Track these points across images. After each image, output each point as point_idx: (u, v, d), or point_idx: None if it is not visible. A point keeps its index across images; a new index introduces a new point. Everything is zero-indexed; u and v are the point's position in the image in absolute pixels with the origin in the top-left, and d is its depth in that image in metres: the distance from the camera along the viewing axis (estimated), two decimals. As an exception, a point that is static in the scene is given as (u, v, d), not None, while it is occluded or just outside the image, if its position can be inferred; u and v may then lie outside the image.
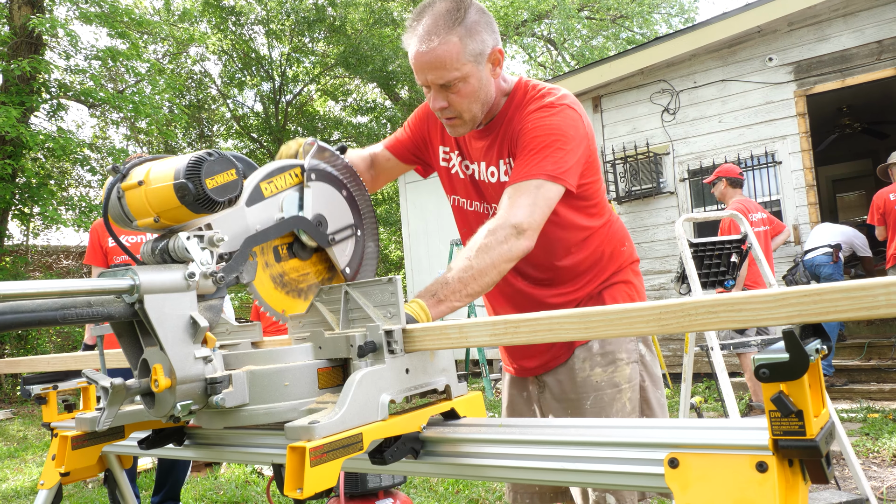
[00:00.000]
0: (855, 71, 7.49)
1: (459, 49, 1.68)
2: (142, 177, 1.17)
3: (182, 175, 1.12)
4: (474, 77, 1.73)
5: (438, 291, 1.49)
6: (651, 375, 1.99)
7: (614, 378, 1.91)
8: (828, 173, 13.28)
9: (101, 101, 13.72)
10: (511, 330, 1.08)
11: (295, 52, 21.47)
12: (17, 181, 12.65)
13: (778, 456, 0.86)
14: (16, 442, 8.33)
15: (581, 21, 22.05)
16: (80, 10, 13.71)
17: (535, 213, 1.64)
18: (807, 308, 0.82)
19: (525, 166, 1.71)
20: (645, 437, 1.00)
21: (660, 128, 8.69)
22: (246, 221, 1.33)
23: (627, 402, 1.91)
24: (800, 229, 7.78)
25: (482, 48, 1.73)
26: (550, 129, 1.74)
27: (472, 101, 1.77)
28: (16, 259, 13.53)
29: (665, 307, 0.93)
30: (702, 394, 7.30)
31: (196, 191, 1.12)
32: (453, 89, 1.73)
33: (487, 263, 1.55)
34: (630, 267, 2.06)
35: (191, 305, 1.15)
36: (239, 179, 1.19)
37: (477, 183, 1.98)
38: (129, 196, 1.19)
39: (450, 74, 1.70)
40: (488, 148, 1.90)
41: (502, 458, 1.14)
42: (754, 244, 4.05)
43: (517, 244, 1.59)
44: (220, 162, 1.16)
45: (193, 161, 1.13)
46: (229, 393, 1.15)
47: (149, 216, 1.18)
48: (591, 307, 1.04)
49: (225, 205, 1.17)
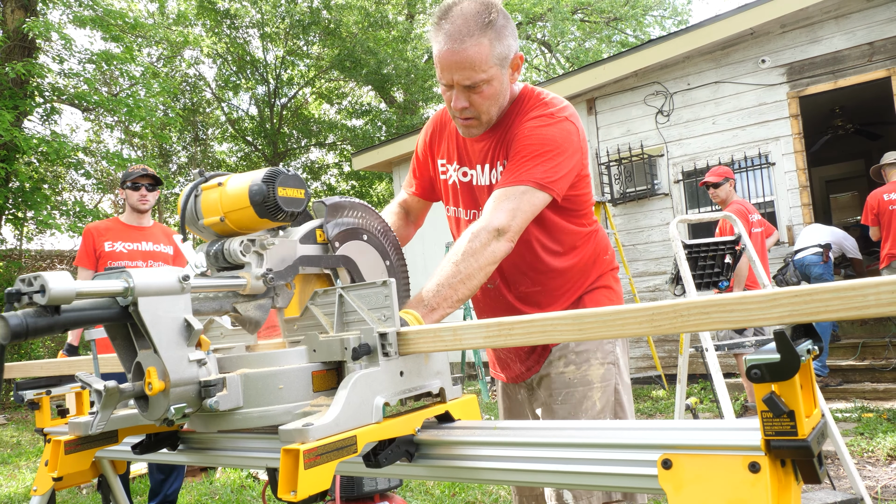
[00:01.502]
0: (847, 72, 7.52)
1: (489, 51, 1.70)
2: (222, 180, 1.30)
3: (260, 179, 1.24)
4: (497, 80, 1.76)
5: (430, 300, 1.51)
6: (623, 381, 1.99)
7: (587, 376, 1.92)
8: (821, 174, 13.33)
9: (96, 104, 13.70)
10: (505, 332, 1.08)
11: (290, 55, 21.48)
12: (10, 185, 12.61)
13: (770, 456, 0.87)
14: (9, 448, 8.29)
15: (575, 23, 22.11)
16: (73, 13, 13.69)
17: (517, 218, 1.67)
18: (798, 308, 0.83)
19: (514, 172, 1.74)
20: (638, 438, 1.00)
21: (654, 129, 8.71)
22: (296, 254, 1.38)
23: (598, 401, 1.90)
24: (793, 230, 7.81)
25: (507, 52, 1.75)
26: (545, 139, 1.76)
27: (492, 104, 1.80)
28: (9, 263, 13.49)
29: (657, 308, 0.93)
30: (697, 395, 7.31)
31: (267, 193, 1.23)
32: (477, 90, 1.75)
33: (474, 267, 1.58)
34: (610, 273, 2.09)
35: (185, 308, 1.15)
36: (306, 200, 1.30)
37: (473, 189, 2.00)
38: (205, 194, 1.31)
39: (477, 76, 1.72)
40: (489, 150, 1.92)
41: (497, 461, 1.14)
42: (748, 245, 4.07)
43: (498, 246, 1.63)
44: (294, 179, 1.28)
45: (272, 170, 1.25)
46: (223, 396, 1.15)
47: (216, 215, 1.28)
48: (586, 309, 1.05)
49: (287, 216, 1.27)
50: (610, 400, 1.93)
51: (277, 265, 1.34)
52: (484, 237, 1.62)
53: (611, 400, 1.93)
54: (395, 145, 11.04)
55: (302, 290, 1.43)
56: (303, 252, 1.40)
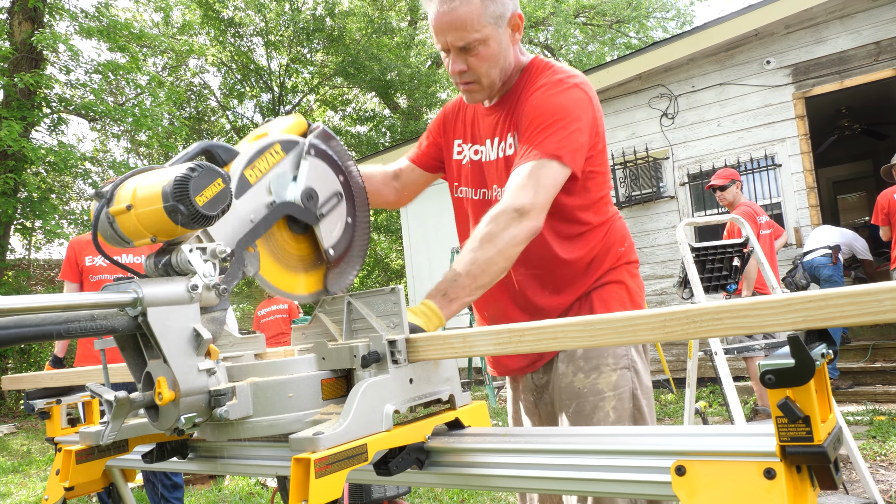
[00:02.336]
0: (853, 72, 7.50)
1: (480, 10, 1.65)
2: (128, 199, 1.15)
3: (171, 197, 1.09)
4: (494, 40, 1.69)
5: (448, 290, 1.45)
6: (642, 384, 1.84)
7: (597, 385, 1.77)
8: (828, 175, 13.27)
9: (102, 114, 13.79)
10: (515, 339, 1.07)
11: (294, 62, 21.56)
12: (18, 195, 12.68)
13: (786, 462, 0.86)
14: (19, 456, 8.32)
15: (577, 27, 22.13)
16: (80, 24, 13.79)
17: (539, 194, 1.59)
18: (812, 314, 0.82)
19: (529, 146, 1.65)
20: (651, 444, 1.00)
21: (659, 132, 8.70)
22: (239, 214, 1.31)
23: (611, 412, 1.75)
24: (801, 232, 7.78)
25: (503, 11, 1.69)
26: (556, 108, 1.68)
27: (491, 66, 1.73)
28: (18, 273, 13.56)
29: (670, 314, 0.92)
30: (706, 398, 7.28)
31: (188, 211, 1.10)
32: (473, 52, 1.70)
33: (493, 253, 1.51)
34: (625, 267, 1.92)
35: (194, 317, 1.14)
36: (227, 188, 1.17)
37: (482, 166, 1.91)
38: (120, 221, 1.17)
39: (470, 36, 1.66)
40: (499, 122, 1.85)
41: (507, 468, 1.13)
42: (756, 248, 4.05)
43: (522, 227, 1.54)
44: (205, 175, 1.13)
45: (179, 181, 1.09)
46: (233, 405, 1.15)
47: (145, 237, 1.17)
48: (596, 315, 1.03)
49: (219, 216, 1.16)
50: (627, 408, 1.77)
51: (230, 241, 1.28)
52: (503, 220, 1.53)
53: (627, 408, 1.78)
54: (400, 151, 11.06)
55: (265, 241, 1.41)
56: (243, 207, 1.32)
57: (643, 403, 1.81)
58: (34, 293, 13.76)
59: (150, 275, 1.20)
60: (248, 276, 1.35)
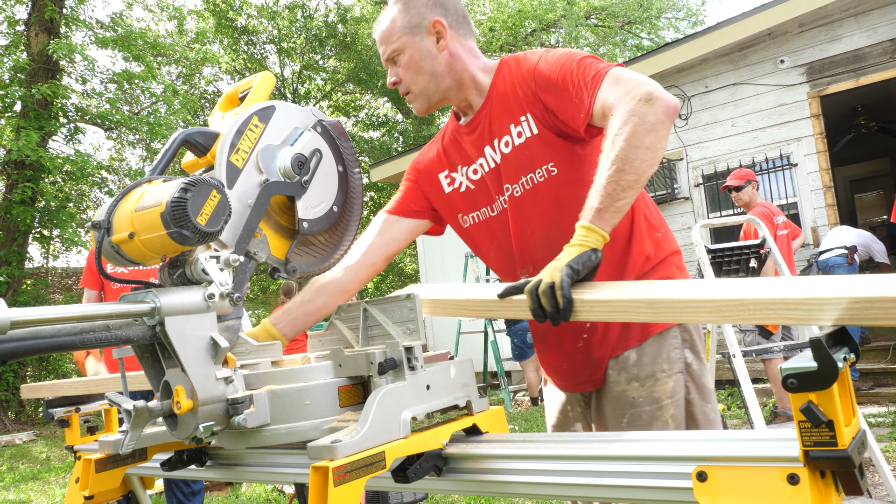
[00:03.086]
0: (868, 70, 7.42)
1: (395, 23, 1.75)
2: (128, 227, 1.14)
3: (172, 224, 1.08)
4: (412, 48, 1.74)
5: (596, 203, 1.37)
6: (699, 387, 1.72)
7: (654, 393, 1.67)
8: (844, 174, 13.14)
9: (118, 123, 13.93)
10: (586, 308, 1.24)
11: (306, 69, 21.68)
12: (36, 205, 12.83)
13: (809, 467, 0.85)
14: (39, 464, 8.39)
15: (588, 28, 22.07)
16: (95, 35, 13.95)
17: (638, 77, 1.49)
18: (858, 314, 0.88)
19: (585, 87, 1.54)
20: (672, 450, 0.99)
21: (672, 133, 8.65)
22: (236, 204, 1.30)
23: (670, 420, 1.66)
24: (818, 231, 7.70)
25: (418, 21, 1.74)
26: (570, 53, 1.64)
27: (415, 73, 1.76)
28: (37, 281, 13.70)
29: (727, 302, 1.02)
30: (725, 401, 7.21)
31: (192, 234, 1.10)
32: (397, 62, 1.76)
33: (625, 146, 1.39)
34: (672, 259, 1.78)
35: (211, 326, 1.15)
36: (224, 199, 1.15)
37: (489, 175, 1.81)
38: (126, 248, 1.16)
39: (389, 48, 1.76)
40: (485, 129, 1.79)
41: (526, 475, 1.12)
42: (773, 248, 4.01)
43: (643, 105, 1.42)
44: (200, 192, 1.11)
45: (176, 205, 1.08)
46: (251, 413, 1.15)
47: (156, 258, 1.17)
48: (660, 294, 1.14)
49: (223, 228, 1.15)
50: (681, 416, 1.68)
51: (230, 239, 1.28)
52: (622, 114, 1.42)
53: (682, 415, 1.68)
54: (413, 156, 11.06)
55: (266, 223, 1.40)
56: (239, 194, 1.31)
57: (696, 409, 1.70)
58: (53, 301, 13.91)
59: (165, 285, 1.20)
60: (260, 262, 1.35)
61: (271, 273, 1.40)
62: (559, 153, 1.67)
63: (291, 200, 1.42)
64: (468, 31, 1.82)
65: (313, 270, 1.50)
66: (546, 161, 1.67)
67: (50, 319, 0.99)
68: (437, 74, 1.76)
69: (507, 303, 1.38)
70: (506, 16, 22.00)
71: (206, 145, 1.34)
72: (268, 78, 1.52)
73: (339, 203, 1.51)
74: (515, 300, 1.36)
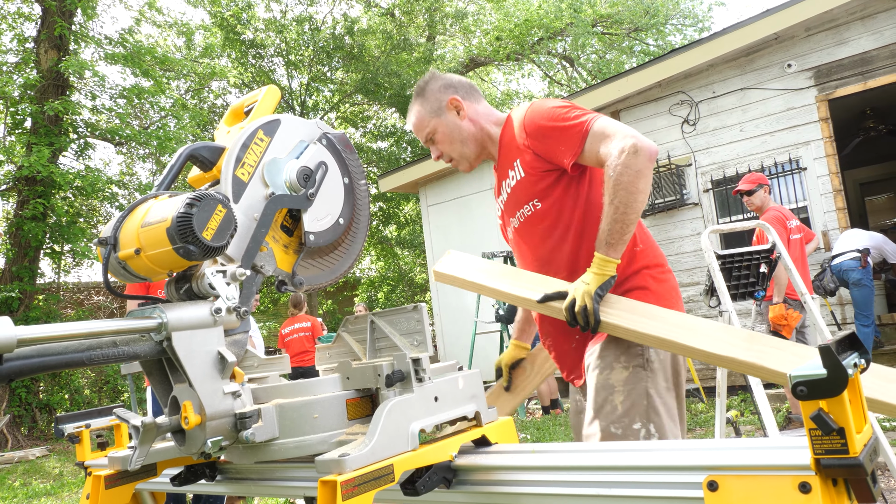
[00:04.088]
0: (876, 73, 7.39)
1: (422, 113, 2.15)
2: (135, 243, 1.15)
3: (178, 239, 1.09)
4: (442, 126, 2.13)
5: (608, 238, 1.78)
6: (657, 385, 1.88)
7: (609, 380, 1.88)
8: (855, 177, 13.06)
9: (128, 138, 14.02)
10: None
11: (314, 81, 21.77)
12: (47, 220, 12.93)
13: (821, 476, 0.84)
14: (52, 479, 8.42)
15: (595, 36, 22.10)
16: (104, 51, 14.08)
17: (621, 130, 1.82)
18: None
19: (569, 139, 1.89)
20: (682, 459, 0.98)
21: (680, 139, 8.63)
22: (242, 218, 1.31)
23: (619, 405, 1.84)
24: (829, 235, 7.65)
25: (438, 105, 2.13)
26: (555, 105, 1.97)
27: (451, 143, 2.15)
28: (48, 297, 13.78)
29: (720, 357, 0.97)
30: (737, 407, 7.16)
31: (198, 249, 1.11)
32: (435, 141, 2.15)
33: (622, 192, 1.76)
34: (647, 272, 1.99)
35: (218, 341, 1.15)
36: (229, 213, 1.16)
37: (502, 211, 2.21)
38: (133, 265, 1.17)
39: (424, 132, 2.15)
40: (502, 172, 2.16)
41: (536, 486, 1.12)
42: (783, 253, 3.98)
43: (634, 157, 1.76)
44: (205, 208, 1.12)
45: (182, 220, 1.09)
46: (259, 427, 1.15)
47: (162, 273, 1.18)
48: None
49: (228, 242, 1.15)
50: (638, 404, 1.83)
51: (237, 253, 1.28)
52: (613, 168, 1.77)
53: (639, 404, 1.83)
54: (421, 166, 11.08)
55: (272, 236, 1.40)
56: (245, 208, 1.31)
57: (657, 402, 1.85)
58: (64, 316, 13.99)
59: (172, 300, 1.20)
60: (267, 276, 1.35)
61: (278, 286, 1.41)
62: (542, 190, 2.01)
63: (297, 213, 1.43)
64: (478, 96, 2.20)
65: (320, 283, 1.50)
66: (532, 198, 2.03)
67: (56, 337, 0.99)
68: (466, 139, 2.16)
69: (544, 306, 1.87)
70: (512, 25, 22.05)
71: (212, 160, 1.34)
72: (273, 91, 1.53)
73: (345, 215, 1.51)
74: (553, 305, 1.85)
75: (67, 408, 13.19)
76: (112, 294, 1.13)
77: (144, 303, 1.13)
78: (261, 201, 1.34)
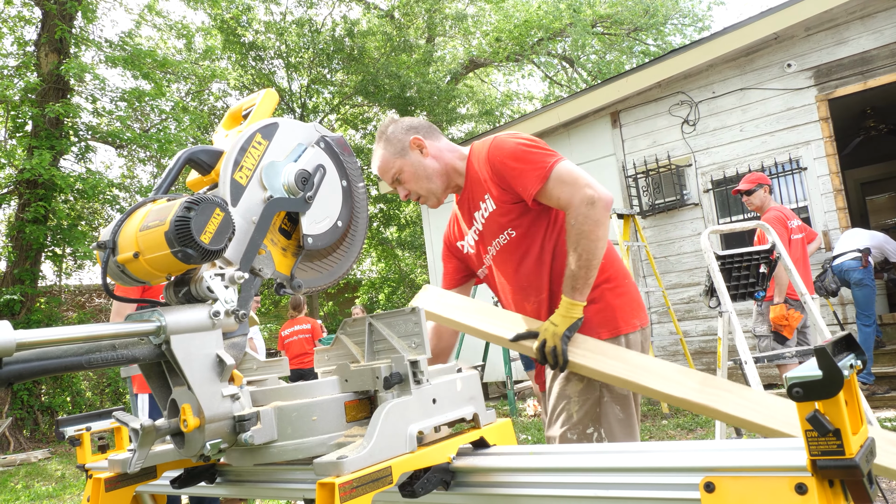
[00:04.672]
0: (876, 72, 7.39)
1: (386, 155, 2.19)
2: (133, 247, 1.15)
3: (176, 243, 1.09)
4: (407, 165, 2.17)
5: (574, 284, 1.92)
6: (612, 395, 2.02)
7: (565, 391, 2.04)
8: (855, 176, 13.05)
9: (128, 140, 14.03)
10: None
11: (314, 83, 21.77)
12: (49, 223, 12.94)
13: (817, 477, 0.84)
14: (54, 481, 8.42)
15: (595, 36, 22.10)
16: (105, 54, 14.09)
17: (578, 180, 1.93)
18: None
19: (530, 180, 1.98)
20: (679, 460, 0.98)
21: (680, 140, 8.63)
22: (240, 221, 1.30)
23: (574, 414, 2.01)
24: (830, 235, 7.65)
25: (401, 146, 2.18)
26: (518, 143, 2.05)
27: (417, 181, 2.19)
28: (50, 300, 13.79)
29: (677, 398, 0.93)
30: (738, 407, 7.14)
31: (196, 252, 1.11)
32: (401, 181, 2.19)
33: (584, 241, 1.91)
34: (606, 286, 2.09)
35: (217, 344, 1.15)
36: (227, 216, 1.16)
37: (476, 244, 2.27)
38: (131, 268, 1.17)
39: (390, 174, 2.19)
40: (471, 204, 2.22)
41: (535, 487, 1.12)
42: (783, 254, 3.98)
43: (592, 209, 1.90)
44: (203, 211, 1.12)
45: (180, 224, 1.09)
46: (258, 430, 1.15)
47: (161, 276, 1.18)
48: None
49: (227, 245, 1.15)
50: (591, 412, 2.00)
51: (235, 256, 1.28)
52: (573, 218, 1.91)
53: (591, 412, 2.00)
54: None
55: (270, 239, 1.39)
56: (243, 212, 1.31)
57: (608, 410, 2.01)
58: (66, 319, 13.99)
59: (171, 303, 1.21)
60: (266, 278, 1.35)
61: (277, 289, 1.41)
62: (514, 220, 2.10)
63: (296, 216, 1.43)
64: (438, 134, 2.26)
65: (319, 286, 1.50)
66: (505, 228, 2.13)
67: (56, 341, 1.00)
68: (432, 175, 2.20)
69: (517, 345, 2.01)
70: (512, 26, 22.06)
71: (210, 163, 1.35)
72: (271, 95, 1.54)
73: (343, 218, 1.51)
74: (524, 344, 1.99)
75: (69, 410, 13.19)
76: (111, 297, 1.14)
77: (143, 305, 1.14)
78: (259, 204, 1.34)
